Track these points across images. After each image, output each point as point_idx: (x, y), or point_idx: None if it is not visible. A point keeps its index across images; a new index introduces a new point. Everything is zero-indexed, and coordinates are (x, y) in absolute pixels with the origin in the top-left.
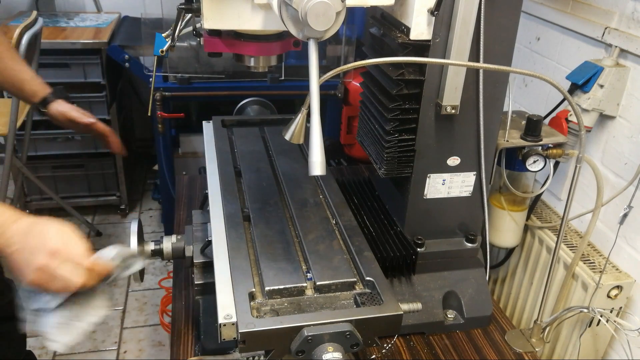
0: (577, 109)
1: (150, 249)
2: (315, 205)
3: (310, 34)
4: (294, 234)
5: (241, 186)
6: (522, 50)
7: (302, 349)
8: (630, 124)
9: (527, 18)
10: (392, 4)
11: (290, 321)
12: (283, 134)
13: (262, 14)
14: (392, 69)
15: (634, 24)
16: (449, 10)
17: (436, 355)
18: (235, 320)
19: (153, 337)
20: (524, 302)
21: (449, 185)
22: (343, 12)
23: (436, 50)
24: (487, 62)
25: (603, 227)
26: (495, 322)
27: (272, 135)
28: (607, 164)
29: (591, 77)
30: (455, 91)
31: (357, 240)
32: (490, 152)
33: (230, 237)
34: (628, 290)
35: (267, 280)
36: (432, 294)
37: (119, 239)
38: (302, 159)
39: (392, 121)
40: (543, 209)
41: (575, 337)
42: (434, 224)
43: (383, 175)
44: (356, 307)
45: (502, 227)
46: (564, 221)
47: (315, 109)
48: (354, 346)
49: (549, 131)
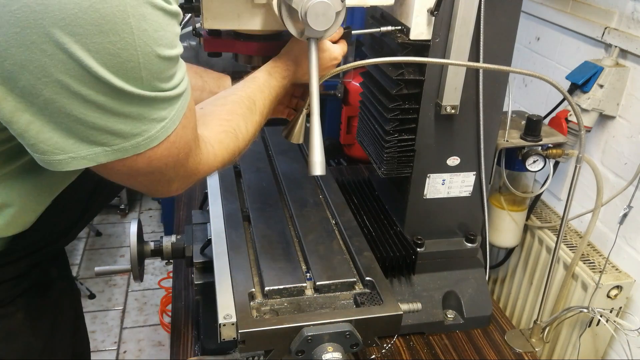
0: (576, 109)
1: (150, 249)
2: (315, 205)
3: (310, 34)
4: (294, 234)
5: (241, 186)
6: (522, 50)
7: (302, 349)
8: (630, 124)
9: (526, 18)
10: (392, 4)
11: (290, 321)
12: (283, 134)
13: (262, 13)
14: (392, 69)
15: (633, 24)
16: (449, 10)
17: (436, 355)
18: (235, 320)
19: (153, 337)
20: (524, 302)
21: (448, 185)
22: (343, 12)
23: (436, 50)
24: (487, 62)
25: (603, 227)
26: (495, 322)
27: (271, 135)
28: (607, 164)
29: (591, 77)
30: (455, 91)
31: (357, 240)
32: (490, 152)
33: (230, 237)
34: (628, 290)
35: (267, 280)
36: (431, 294)
37: (119, 239)
38: (302, 159)
39: (392, 121)
40: (543, 209)
41: (575, 337)
42: (433, 224)
43: (383, 175)
44: (356, 307)
45: (502, 227)
46: (564, 221)
47: (315, 109)
48: (354, 346)
49: (549, 131)
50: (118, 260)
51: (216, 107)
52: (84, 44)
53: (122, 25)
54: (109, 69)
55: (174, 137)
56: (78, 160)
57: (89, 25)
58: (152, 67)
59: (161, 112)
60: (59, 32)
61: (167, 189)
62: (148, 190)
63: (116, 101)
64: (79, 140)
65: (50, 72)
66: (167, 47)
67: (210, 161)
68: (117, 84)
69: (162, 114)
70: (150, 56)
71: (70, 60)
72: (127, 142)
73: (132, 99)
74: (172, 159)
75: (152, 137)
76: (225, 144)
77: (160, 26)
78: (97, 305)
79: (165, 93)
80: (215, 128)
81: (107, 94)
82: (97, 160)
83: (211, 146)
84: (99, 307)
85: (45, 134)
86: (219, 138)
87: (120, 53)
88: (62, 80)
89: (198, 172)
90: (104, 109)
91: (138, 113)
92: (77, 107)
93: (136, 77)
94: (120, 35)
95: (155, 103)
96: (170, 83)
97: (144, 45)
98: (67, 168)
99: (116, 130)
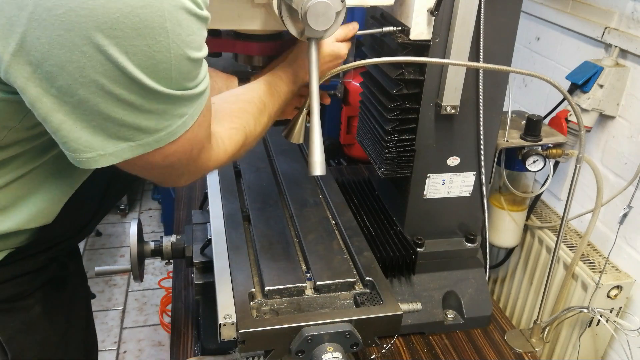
0: (576, 109)
1: (150, 249)
2: (315, 205)
3: (310, 34)
4: (294, 234)
5: (241, 186)
6: (522, 50)
7: (302, 349)
8: (630, 124)
9: (527, 18)
10: (392, 4)
11: (290, 321)
12: (283, 134)
13: (262, 13)
14: (392, 68)
15: (633, 24)
16: (449, 10)
17: (436, 355)
18: (235, 320)
19: (153, 337)
20: (524, 302)
21: (448, 185)
22: (343, 12)
23: (436, 50)
24: (487, 62)
25: (603, 227)
26: (495, 322)
27: (271, 135)
28: (606, 164)
29: (591, 77)
30: (455, 91)
31: (357, 240)
32: (490, 152)
33: (230, 237)
34: (628, 290)
35: (267, 280)
36: (431, 294)
37: (119, 239)
38: (302, 159)
39: (392, 121)
40: (543, 209)
41: (575, 337)
42: (433, 224)
43: (383, 175)
44: (356, 307)
45: (502, 227)
46: (564, 221)
47: (315, 109)
48: (354, 346)
49: (549, 131)
50: (118, 260)
51: (228, 104)
52: (123, 46)
53: (159, 29)
54: (143, 70)
55: (189, 134)
56: (106, 157)
57: (129, 29)
58: (182, 68)
59: (183, 108)
60: (100, 35)
61: (176, 181)
62: (158, 182)
63: (145, 99)
64: (106, 137)
65: (88, 73)
66: (196, 50)
67: (220, 157)
68: (148, 84)
69: (183, 110)
70: (182, 58)
71: (108, 62)
72: (151, 137)
73: (160, 97)
74: (186, 155)
75: (172, 132)
76: (235, 140)
77: (192, 30)
78: (97, 305)
79: (190, 91)
80: (225, 124)
81: (138, 92)
82: (122, 157)
83: (222, 142)
84: (99, 307)
85: (76, 132)
86: (229, 134)
87: (155, 55)
88: (97, 81)
89: (207, 167)
90: (133, 107)
91: (163, 110)
92: (109, 106)
93: (167, 77)
94: (156, 38)
95: (180, 100)
96: (194, 82)
97: (177, 48)
98: (96, 166)
99: (142, 126)
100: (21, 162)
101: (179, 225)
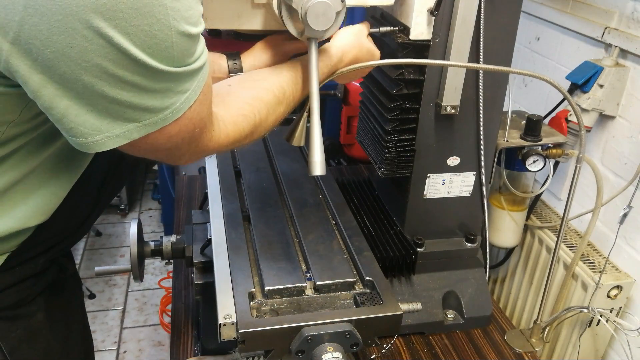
0: (577, 109)
1: (150, 249)
2: (315, 205)
3: (310, 34)
4: (294, 234)
5: (241, 186)
6: (522, 50)
7: (301, 349)
8: (630, 124)
9: (527, 18)
10: (392, 4)
11: (290, 321)
12: (284, 137)
13: (262, 13)
14: (392, 68)
15: (633, 23)
16: (449, 10)
17: (436, 355)
18: (235, 320)
19: (153, 337)
20: (524, 302)
21: (448, 185)
22: (343, 12)
23: (436, 50)
24: (487, 62)
25: (603, 227)
26: (495, 322)
27: (272, 135)
28: (607, 164)
29: (591, 77)
30: (455, 91)
31: (357, 240)
32: (490, 152)
33: (230, 237)
34: (628, 290)
35: (267, 280)
36: (431, 294)
37: (119, 239)
38: (302, 159)
39: (392, 121)
40: (543, 209)
41: (575, 337)
42: (433, 224)
43: (383, 175)
44: (356, 307)
45: (502, 227)
46: (564, 221)
47: (315, 109)
48: (354, 346)
49: (549, 131)
50: (118, 260)
51: (243, 89)
52: (123, 27)
53: (158, 7)
54: (145, 50)
55: (192, 113)
56: (113, 139)
57: (128, 9)
58: (183, 45)
59: (185, 84)
60: (98, 18)
61: (177, 161)
62: (161, 161)
63: (149, 80)
64: (113, 119)
65: (90, 57)
66: (194, 26)
67: (222, 140)
68: (152, 64)
69: (186, 85)
70: (182, 35)
71: (109, 45)
72: (156, 115)
73: (164, 75)
74: (188, 135)
75: (177, 108)
76: (241, 127)
77: (190, 5)
78: (97, 305)
79: (190, 67)
80: (233, 110)
81: (142, 73)
82: (130, 137)
83: (224, 125)
84: (99, 307)
85: (82, 117)
86: (234, 120)
87: (157, 34)
88: (100, 64)
89: (208, 148)
90: (138, 87)
91: (167, 88)
92: (114, 89)
93: (169, 56)
94: (156, 17)
95: (182, 77)
96: (193, 57)
97: (177, 25)
98: (104, 148)
99: (148, 106)
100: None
101: (179, 225)
